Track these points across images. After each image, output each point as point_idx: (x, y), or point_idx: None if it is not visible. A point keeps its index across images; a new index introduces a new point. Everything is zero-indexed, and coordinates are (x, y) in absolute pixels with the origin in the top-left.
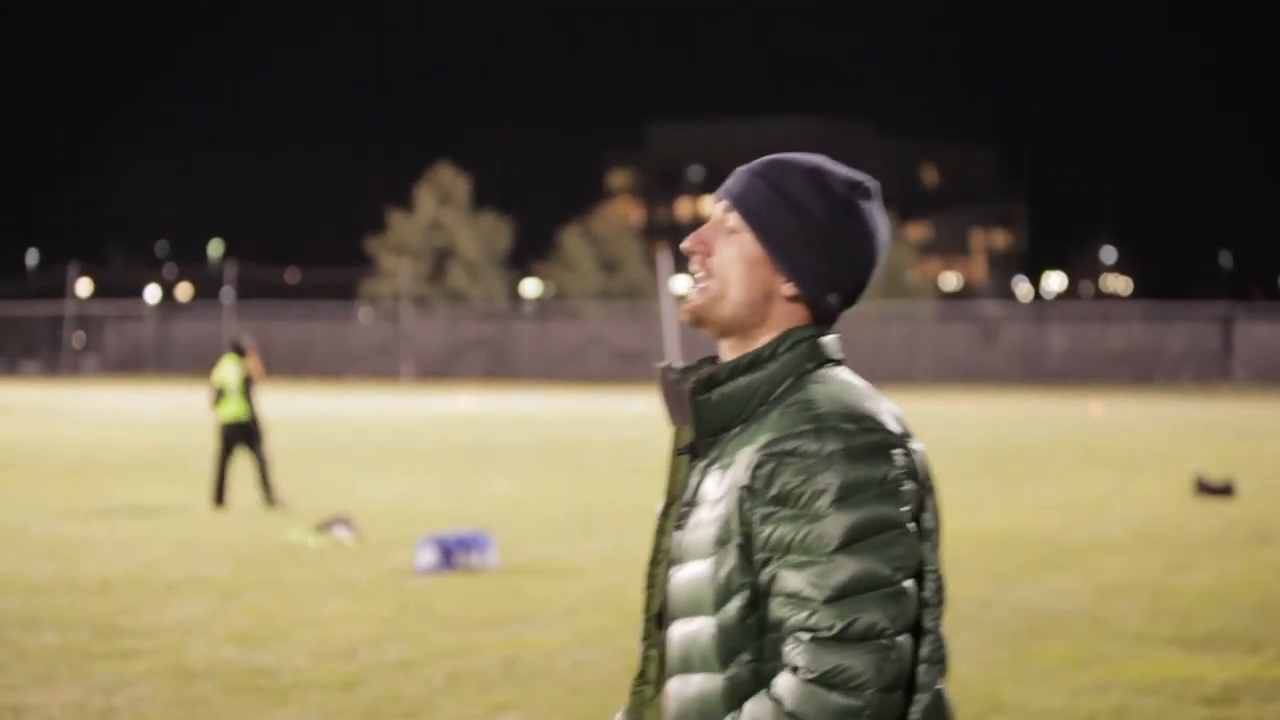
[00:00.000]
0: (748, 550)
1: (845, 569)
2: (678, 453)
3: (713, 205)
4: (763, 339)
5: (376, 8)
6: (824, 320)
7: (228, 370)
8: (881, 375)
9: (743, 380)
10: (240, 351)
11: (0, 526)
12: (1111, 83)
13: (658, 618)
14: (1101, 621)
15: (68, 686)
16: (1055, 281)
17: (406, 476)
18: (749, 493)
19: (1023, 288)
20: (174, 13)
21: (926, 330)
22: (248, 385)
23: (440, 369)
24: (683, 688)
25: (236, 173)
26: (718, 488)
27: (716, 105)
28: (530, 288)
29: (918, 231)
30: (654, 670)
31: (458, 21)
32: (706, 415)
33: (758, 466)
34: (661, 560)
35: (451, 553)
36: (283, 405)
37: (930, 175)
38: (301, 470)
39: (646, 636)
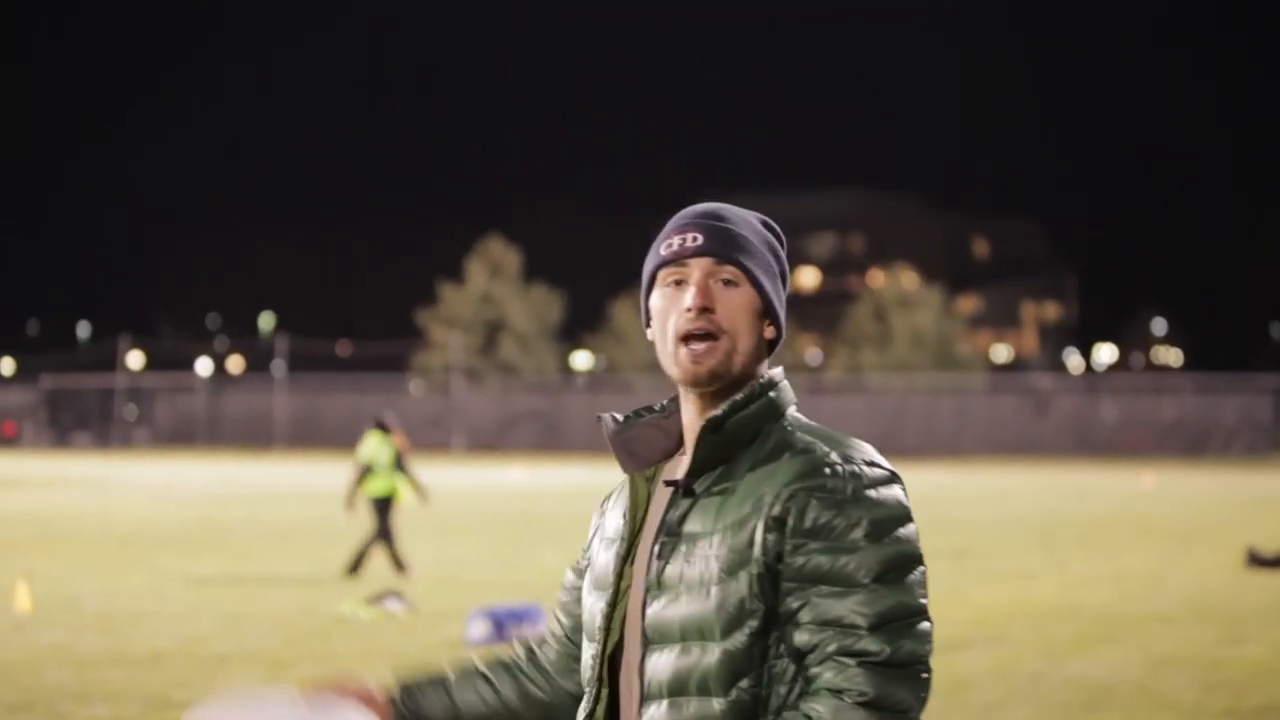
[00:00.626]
0: (765, 579)
1: (886, 598)
2: (667, 484)
3: (695, 260)
4: (741, 380)
5: (427, 82)
6: (769, 359)
7: (374, 446)
8: (933, 447)
9: (737, 420)
10: (384, 428)
11: (51, 599)
12: (1162, 156)
13: (612, 655)
14: (1154, 694)
15: None
16: (1106, 353)
17: (458, 548)
18: (777, 525)
19: (1074, 360)
20: (223, 86)
21: (978, 402)
22: (399, 460)
23: (491, 441)
24: (675, 714)
25: (287, 245)
26: (715, 521)
27: (767, 178)
28: (581, 360)
29: (968, 304)
30: (603, 711)
31: (508, 95)
32: (708, 454)
33: (788, 500)
34: (621, 598)
35: (503, 624)
36: (332, 478)
37: (981, 247)
38: (353, 542)
39: (597, 679)
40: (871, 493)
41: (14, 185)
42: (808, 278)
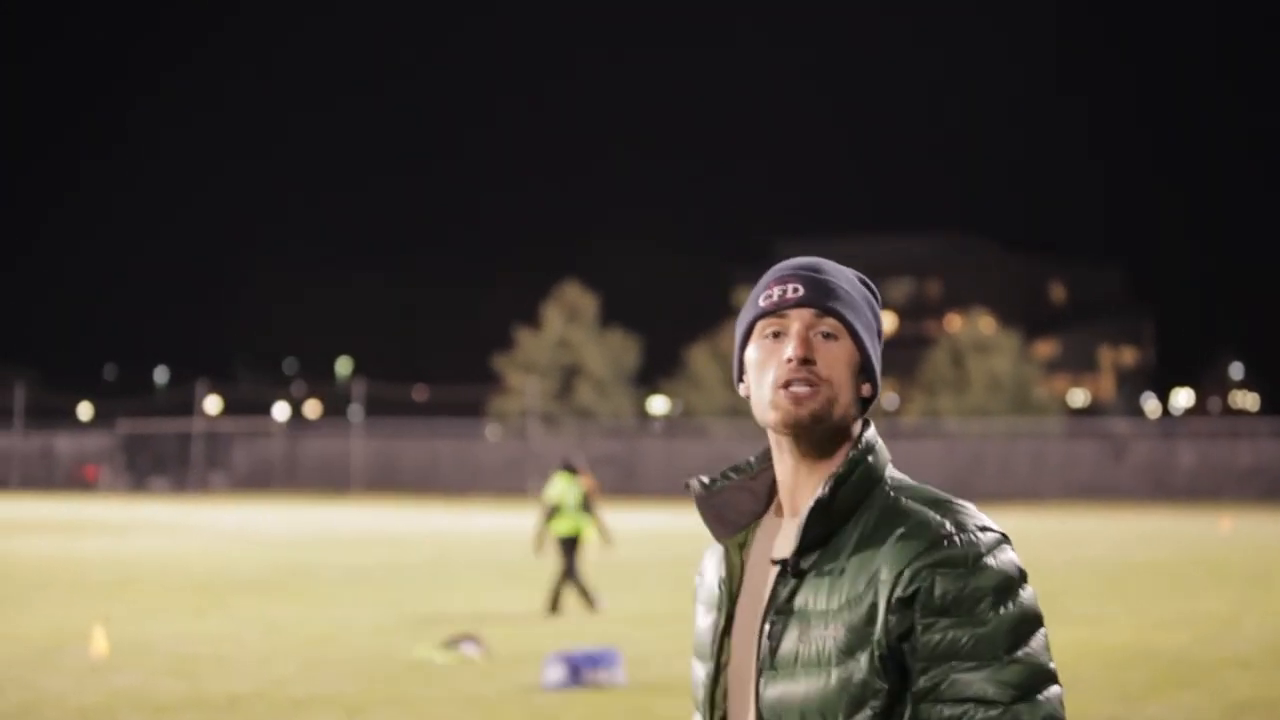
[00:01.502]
0: (889, 660)
1: (1021, 668)
2: (775, 563)
3: (796, 311)
4: (840, 441)
5: (505, 126)
6: (864, 420)
7: (561, 488)
8: (1009, 492)
9: (842, 494)
10: (572, 470)
11: (128, 643)
12: (1240, 200)
13: None
14: None
15: None
16: (1183, 398)
17: (535, 593)
18: (901, 605)
19: (1151, 404)
20: (301, 132)
21: (1054, 447)
22: (586, 501)
23: None
24: None
25: (365, 290)
26: (828, 599)
27: (843, 222)
28: (658, 405)
29: (1045, 349)
30: None
31: (584, 139)
32: (819, 529)
33: (911, 580)
34: (721, 672)
35: (580, 669)
36: (411, 522)
37: (1058, 292)
38: (429, 586)
39: None
40: (990, 560)
41: (95, 234)
42: (884, 322)
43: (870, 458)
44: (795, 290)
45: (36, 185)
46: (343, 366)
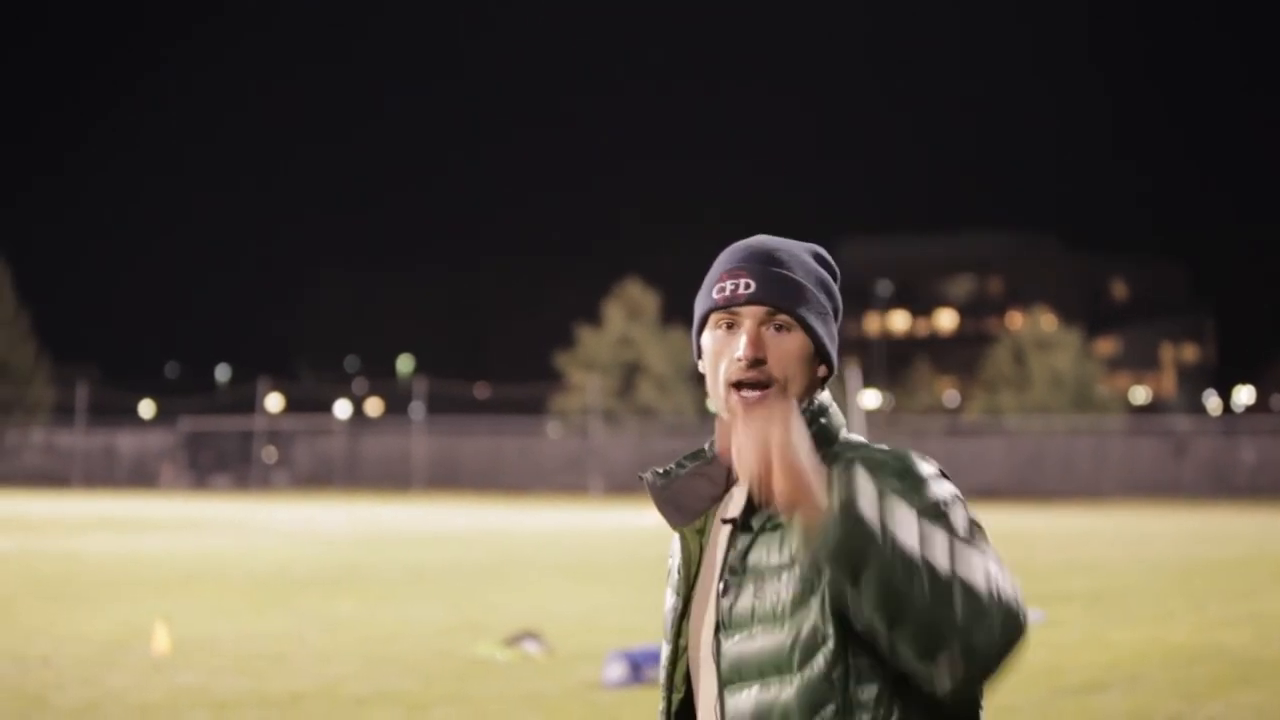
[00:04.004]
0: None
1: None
2: (725, 521)
3: (746, 308)
4: None
5: (565, 127)
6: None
7: None
8: (1070, 489)
9: None
10: None
11: (190, 640)
12: None
13: (683, 702)
14: None
15: None
16: (1245, 395)
17: (596, 590)
18: None
19: (1212, 401)
20: (362, 130)
21: (1115, 444)
22: None
23: (630, 484)
24: None
25: (426, 288)
26: (781, 552)
27: (905, 219)
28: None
29: (1106, 346)
30: None
31: (646, 138)
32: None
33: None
34: (681, 655)
35: (641, 666)
36: (472, 520)
37: (1119, 289)
38: (491, 584)
39: None
40: (931, 484)
41: (157, 232)
42: (946, 320)
43: (823, 419)
44: (747, 286)
45: (99, 182)
46: (404, 364)
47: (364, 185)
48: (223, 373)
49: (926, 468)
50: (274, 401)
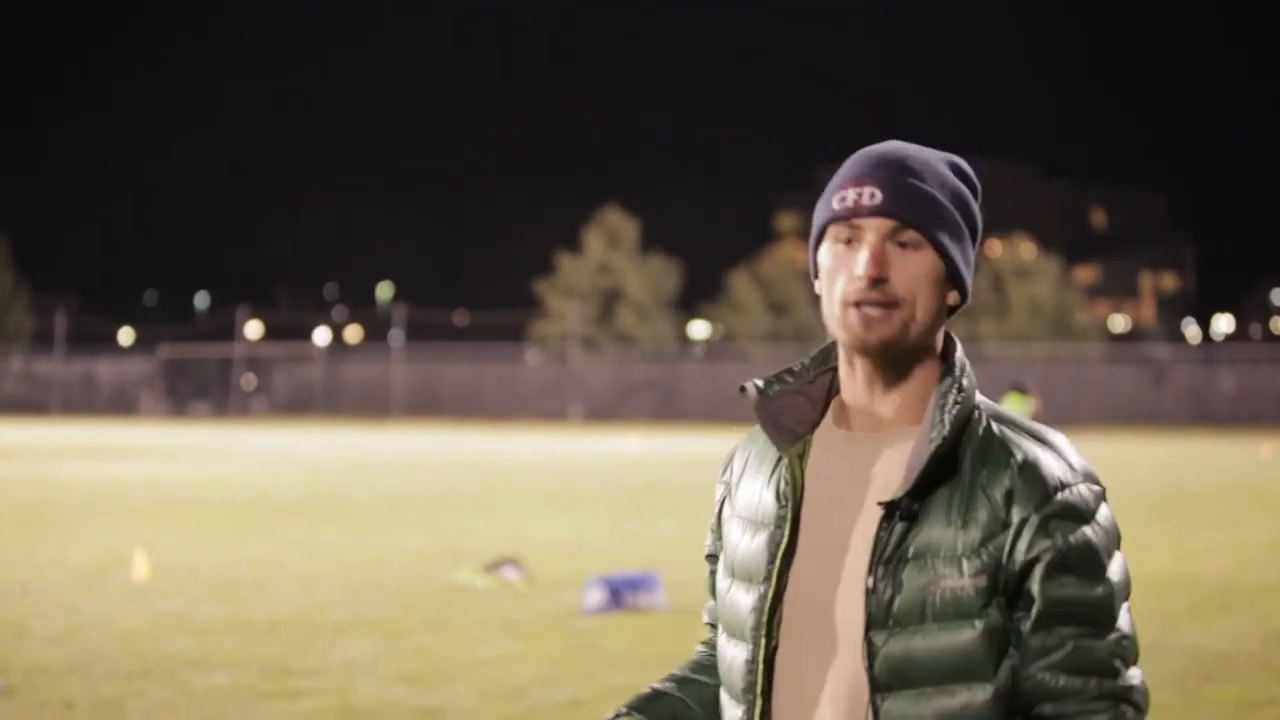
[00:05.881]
0: (1009, 609)
1: (1129, 640)
2: (883, 505)
3: (870, 220)
4: (921, 354)
5: (544, 53)
6: (951, 318)
7: (1013, 406)
8: (1049, 417)
9: (951, 427)
10: (1023, 390)
11: (170, 567)
12: None
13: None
14: (1272, 665)
15: None
16: (1224, 324)
17: (575, 517)
18: (1024, 553)
19: (1191, 330)
20: (338, 57)
21: (1095, 372)
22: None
23: (608, 410)
24: None
25: (405, 215)
26: (956, 543)
27: None
28: (698, 330)
29: (1086, 274)
30: None
31: (625, 67)
32: (935, 472)
33: (1038, 529)
34: (780, 600)
35: (620, 593)
36: (452, 447)
37: (1099, 218)
38: (470, 511)
39: (754, 689)
40: (1103, 516)
41: (136, 160)
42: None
43: (965, 381)
44: (872, 196)
45: (78, 111)
46: (383, 291)
47: (344, 112)
48: (201, 300)
49: (1108, 514)
50: (253, 329)
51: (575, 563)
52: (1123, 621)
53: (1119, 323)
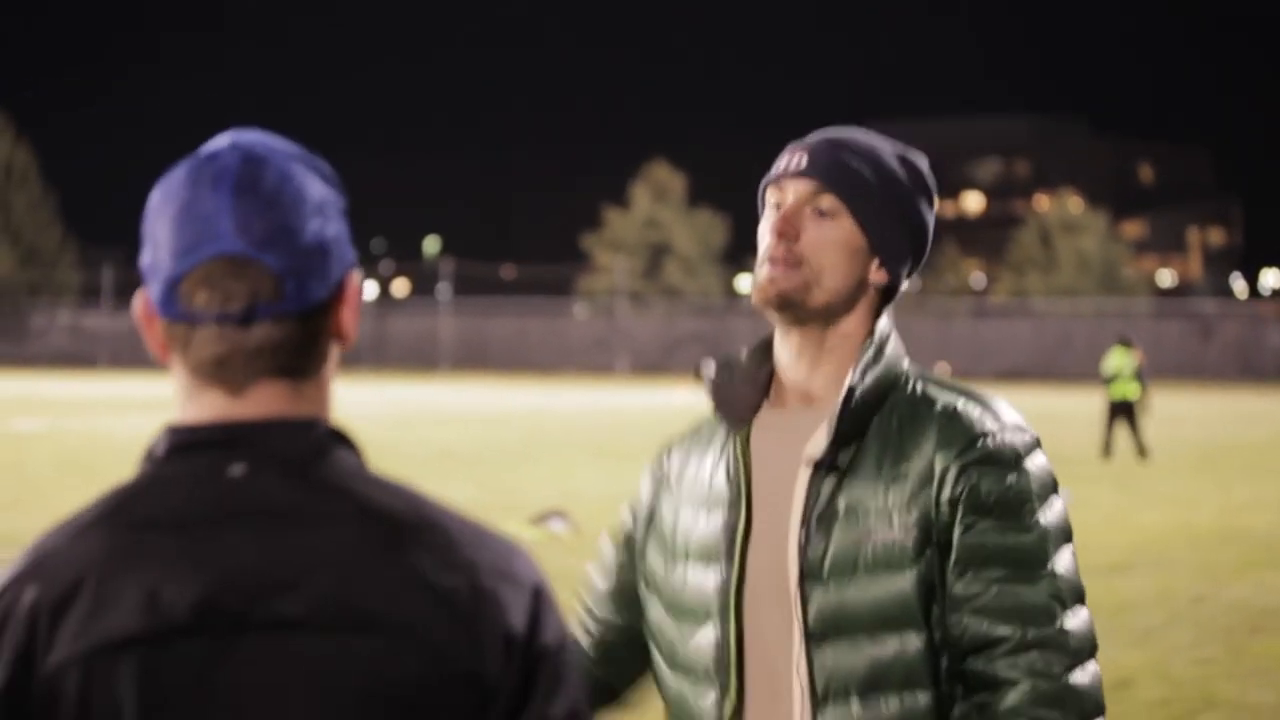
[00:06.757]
0: (941, 559)
1: (1062, 582)
2: (813, 464)
3: (792, 182)
4: (845, 328)
5: (593, 10)
6: (886, 304)
7: (1118, 359)
8: (1096, 372)
9: (869, 382)
10: (1128, 344)
11: None
12: None
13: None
14: None
15: None
16: (1272, 279)
17: (622, 470)
18: (949, 502)
19: (1239, 285)
20: (388, 12)
21: (1142, 327)
22: (1140, 372)
23: (655, 364)
24: (871, 713)
25: (453, 169)
26: (886, 495)
27: (930, 103)
28: (745, 284)
29: (1133, 229)
30: (732, 708)
31: (674, 21)
32: (852, 421)
33: (958, 477)
34: (744, 581)
35: None
36: (499, 400)
37: (1146, 173)
38: (518, 464)
39: (727, 670)
40: (1030, 463)
41: (181, 110)
42: (973, 202)
43: (888, 347)
44: (799, 163)
45: (126, 65)
46: (430, 245)
47: (393, 65)
48: None
49: (1039, 461)
50: None
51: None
52: (1059, 565)
53: (1166, 278)
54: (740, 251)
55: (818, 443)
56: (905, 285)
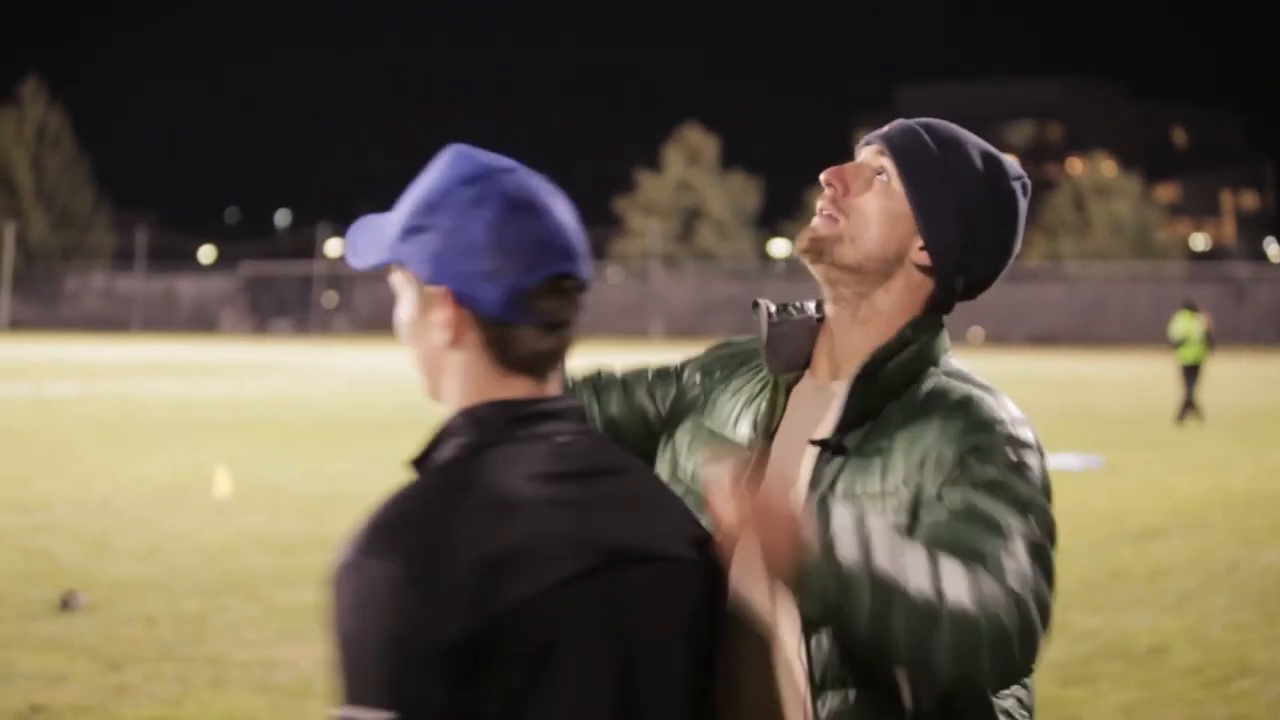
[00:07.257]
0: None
1: (1039, 521)
2: (814, 444)
3: (866, 147)
4: (879, 303)
5: None
6: (942, 303)
7: (1185, 323)
8: (1130, 336)
9: (889, 369)
10: (1194, 309)
11: (252, 484)
12: None
13: None
14: None
15: (320, 643)
16: None
17: None
18: (940, 486)
19: (1273, 249)
20: None
21: (1175, 290)
22: (1208, 335)
23: (689, 328)
24: (867, 697)
25: (485, 131)
26: (882, 480)
27: (965, 66)
28: (779, 248)
29: (1167, 193)
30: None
31: None
32: (860, 409)
33: (956, 464)
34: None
35: None
36: None
37: (1180, 136)
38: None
39: None
40: (1030, 459)
41: (217, 76)
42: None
43: (926, 337)
44: (881, 131)
45: (159, 29)
46: None
47: (425, 28)
48: (283, 217)
49: (1039, 467)
50: (334, 246)
51: None
52: (1037, 558)
53: (1199, 241)
54: (773, 215)
55: (827, 423)
56: (957, 285)
